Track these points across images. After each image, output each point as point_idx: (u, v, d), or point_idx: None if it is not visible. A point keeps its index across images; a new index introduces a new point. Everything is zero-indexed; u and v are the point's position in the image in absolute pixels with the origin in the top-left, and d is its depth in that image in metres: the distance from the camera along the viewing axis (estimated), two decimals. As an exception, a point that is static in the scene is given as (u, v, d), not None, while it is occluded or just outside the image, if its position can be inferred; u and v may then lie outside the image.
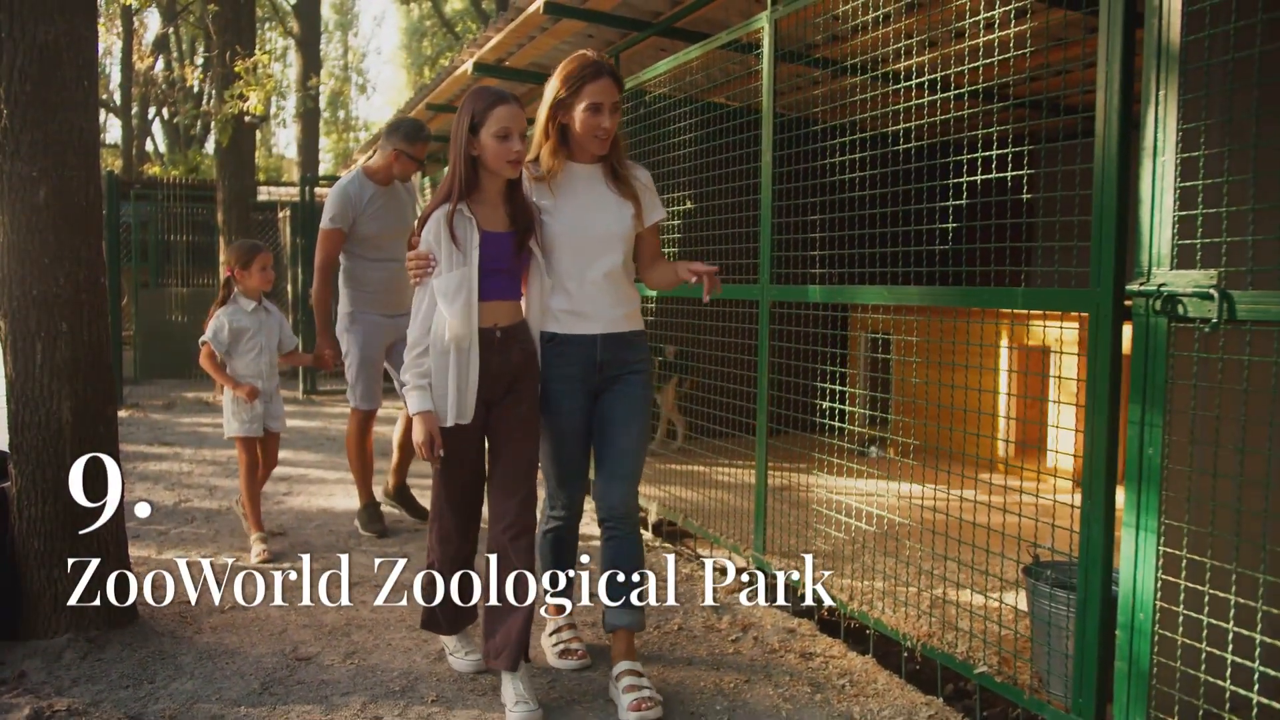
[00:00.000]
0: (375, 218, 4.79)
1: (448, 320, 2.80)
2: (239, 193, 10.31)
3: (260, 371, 4.58)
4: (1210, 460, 2.28)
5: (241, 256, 4.54)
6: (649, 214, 3.11)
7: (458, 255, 2.81)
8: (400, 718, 2.89)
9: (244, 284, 4.56)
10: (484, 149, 2.82)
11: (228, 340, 4.50)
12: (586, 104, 2.90)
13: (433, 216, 2.83)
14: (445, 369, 2.84)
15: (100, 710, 2.91)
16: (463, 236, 2.82)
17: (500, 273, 2.88)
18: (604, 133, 2.94)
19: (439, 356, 2.84)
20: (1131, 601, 2.36)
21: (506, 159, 2.82)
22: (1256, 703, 2.15)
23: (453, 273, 2.80)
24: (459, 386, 2.84)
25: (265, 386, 4.59)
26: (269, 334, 4.61)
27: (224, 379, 4.52)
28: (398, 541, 4.88)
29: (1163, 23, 2.27)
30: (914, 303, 3.11)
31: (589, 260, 2.98)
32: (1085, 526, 2.51)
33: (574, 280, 2.98)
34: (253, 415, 4.56)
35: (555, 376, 3.02)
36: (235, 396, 4.52)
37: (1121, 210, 2.41)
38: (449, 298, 2.79)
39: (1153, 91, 2.30)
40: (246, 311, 4.55)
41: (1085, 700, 2.50)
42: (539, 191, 3.02)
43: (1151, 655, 2.33)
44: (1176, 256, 2.27)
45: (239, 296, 4.57)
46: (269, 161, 34.68)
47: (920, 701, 3.01)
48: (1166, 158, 2.27)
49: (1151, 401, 2.31)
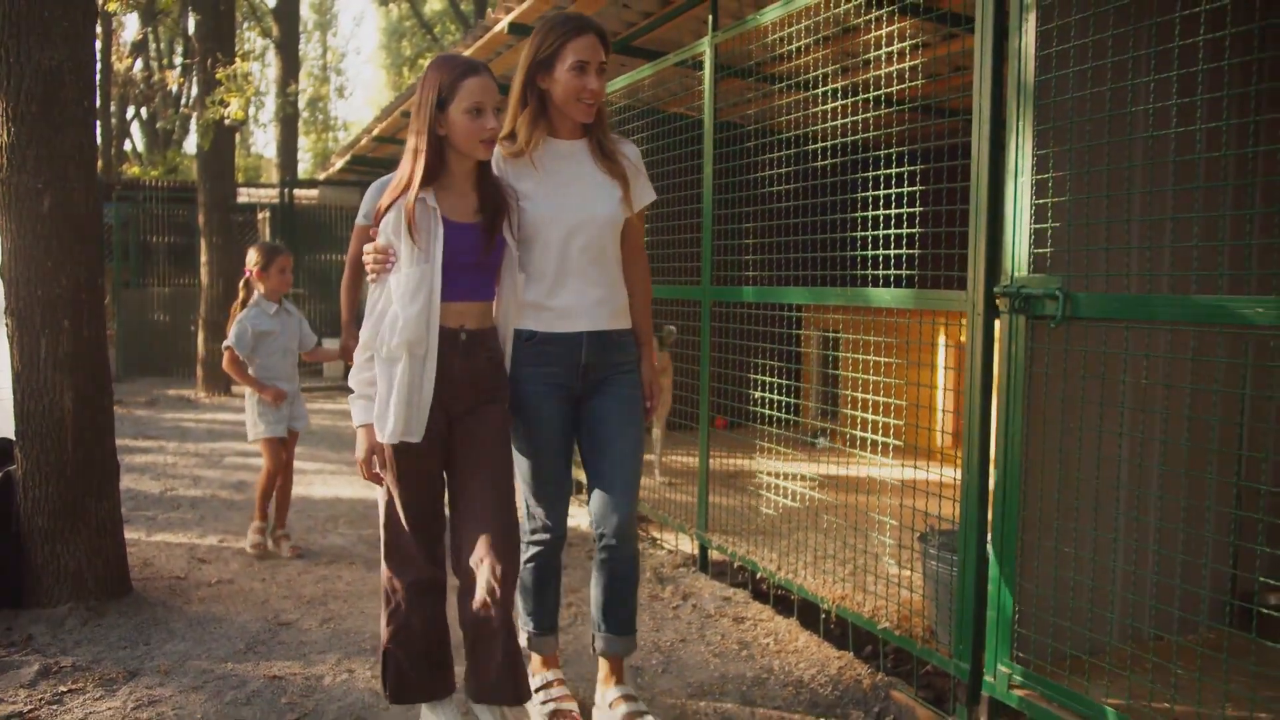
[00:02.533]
0: None
1: (400, 322, 2.43)
2: (220, 195, 10.59)
3: (284, 373, 4.57)
4: (1061, 436, 2.68)
5: (262, 259, 4.51)
6: (639, 197, 2.74)
7: (417, 251, 2.45)
8: (371, 671, 3.25)
9: (264, 286, 4.53)
10: (452, 127, 2.44)
11: (251, 344, 4.48)
12: (571, 62, 2.55)
13: (392, 207, 2.48)
14: (391, 378, 2.47)
15: (101, 667, 3.25)
16: (424, 229, 2.46)
17: (469, 269, 2.52)
18: (590, 96, 2.58)
19: (385, 364, 2.47)
20: (1000, 559, 2.76)
21: (479, 138, 2.45)
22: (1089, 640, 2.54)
23: (412, 269, 2.44)
24: (408, 399, 2.46)
25: (290, 388, 4.57)
26: (291, 335, 4.60)
27: (250, 383, 4.49)
28: (375, 526, 5.24)
29: (1021, 64, 2.67)
30: (805, 301, 3.50)
31: (574, 249, 2.63)
32: (965, 497, 2.90)
33: (555, 272, 2.63)
34: (279, 417, 4.54)
35: (532, 378, 2.66)
36: (261, 399, 4.51)
37: (992, 221, 2.80)
38: (407, 298, 2.44)
39: (1014, 122, 2.69)
40: (269, 314, 4.52)
41: (964, 646, 2.89)
42: (515, 171, 2.64)
43: (1014, 605, 2.73)
44: (1032, 262, 2.66)
45: (261, 299, 4.53)
46: (248, 161, 34.77)
47: (833, 656, 3.41)
48: (1024, 178, 2.66)
49: (1013, 387, 2.70)
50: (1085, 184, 2.67)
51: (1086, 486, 2.76)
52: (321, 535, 5.00)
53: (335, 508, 5.62)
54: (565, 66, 2.55)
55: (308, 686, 3.12)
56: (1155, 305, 2.39)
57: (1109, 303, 2.46)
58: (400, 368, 2.45)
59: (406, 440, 2.49)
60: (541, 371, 2.66)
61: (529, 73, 2.60)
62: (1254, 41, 2.88)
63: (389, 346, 2.46)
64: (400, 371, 2.45)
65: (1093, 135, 2.66)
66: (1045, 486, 2.72)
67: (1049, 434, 2.71)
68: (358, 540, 4.93)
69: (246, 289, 4.59)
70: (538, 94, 2.62)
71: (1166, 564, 2.91)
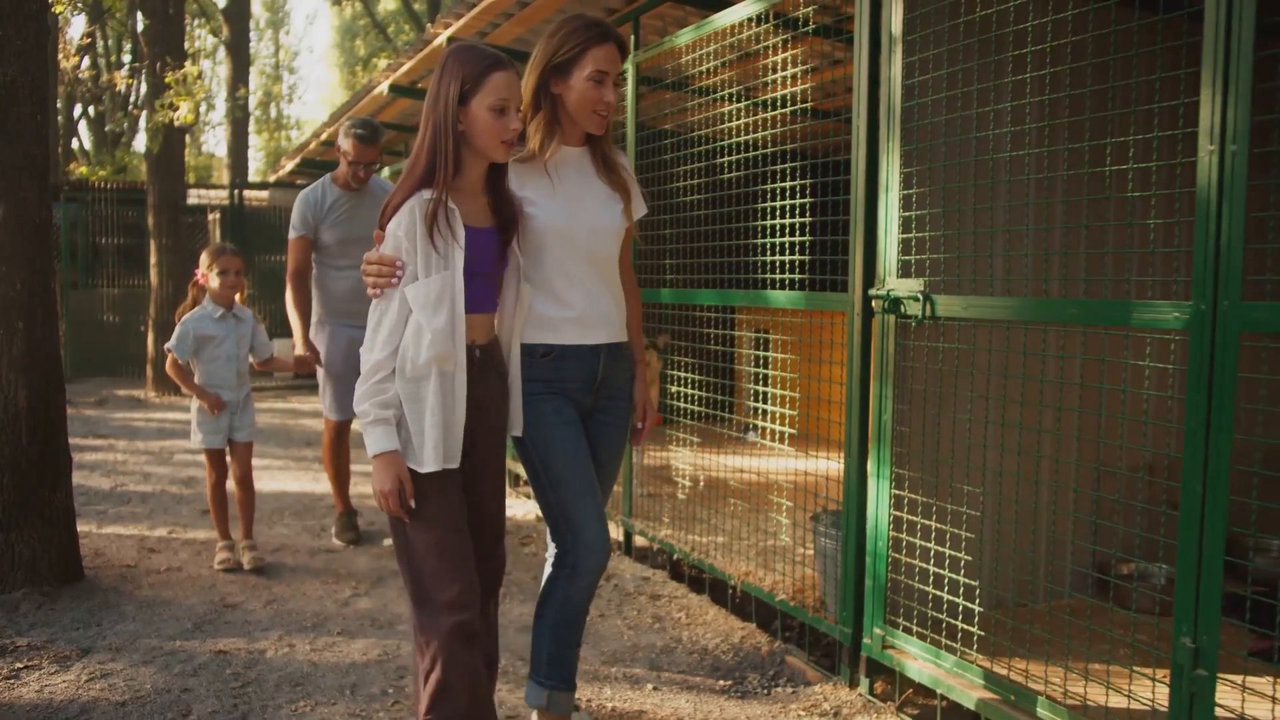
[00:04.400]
0: (337, 225, 4.61)
1: (428, 337, 2.23)
2: (170, 197, 10.71)
3: (227, 381, 4.38)
4: (923, 421, 3.02)
5: (206, 261, 4.36)
6: (636, 208, 2.70)
7: (437, 258, 2.25)
8: (310, 645, 3.51)
9: (209, 290, 4.38)
10: (473, 123, 2.27)
11: (192, 348, 4.32)
12: (591, 71, 2.46)
13: (404, 208, 2.24)
14: (423, 399, 2.26)
15: (56, 645, 3.48)
16: (444, 233, 2.26)
17: (480, 278, 2.36)
18: (605, 108, 2.51)
19: (412, 383, 2.26)
20: (874, 534, 3.09)
21: (501, 138, 2.29)
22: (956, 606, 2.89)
23: (432, 278, 2.24)
24: (445, 422, 2.27)
25: (232, 397, 4.39)
26: (238, 342, 4.40)
27: (190, 388, 4.34)
28: (317, 517, 5.48)
29: (889, 92, 3.00)
30: (711, 303, 3.82)
31: (587, 260, 2.55)
32: (846, 479, 3.23)
33: (570, 284, 2.54)
34: (217, 427, 4.38)
35: (553, 393, 2.54)
36: (200, 407, 4.37)
37: (868, 231, 3.13)
38: (430, 310, 2.23)
39: (884, 144, 3.02)
40: (213, 318, 4.35)
41: (847, 612, 3.22)
42: (524, 178, 2.52)
43: (887, 575, 3.06)
44: (900, 268, 2.99)
45: (208, 303, 4.38)
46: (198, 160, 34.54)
47: (738, 627, 3.73)
48: (893, 194, 2.99)
49: (884, 380, 3.04)
50: (942, 198, 3.01)
51: (955, 469, 3.10)
52: (268, 526, 5.23)
53: (282, 501, 5.85)
54: (584, 74, 2.46)
55: (251, 659, 3.38)
56: (999, 306, 2.72)
57: (962, 304, 2.79)
58: (430, 388, 2.25)
59: (448, 467, 2.29)
60: (563, 388, 2.55)
61: (543, 76, 2.49)
62: (1061, 80, 3.24)
63: (415, 365, 2.24)
64: (431, 392, 2.25)
65: (948, 155, 2.99)
66: (916, 468, 3.06)
67: (916, 420, 3.05)
68: (301, 530, 5.18)
69: (196, 291, 4.44)
70: (550, 99, 2.50)
71: (1035, 540, 3.26)
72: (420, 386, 2.26)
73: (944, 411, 3.03)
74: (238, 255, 4.43)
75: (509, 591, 4.13)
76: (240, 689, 3.14)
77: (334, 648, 3.50)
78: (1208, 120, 2.11)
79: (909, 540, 3.04)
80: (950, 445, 3.04)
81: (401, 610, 3.91)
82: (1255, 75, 2.04)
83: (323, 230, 4.60)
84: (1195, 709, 2.18)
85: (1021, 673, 2.70)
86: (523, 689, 2.94)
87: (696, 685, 3.23)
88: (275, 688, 3.15)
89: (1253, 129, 2.04)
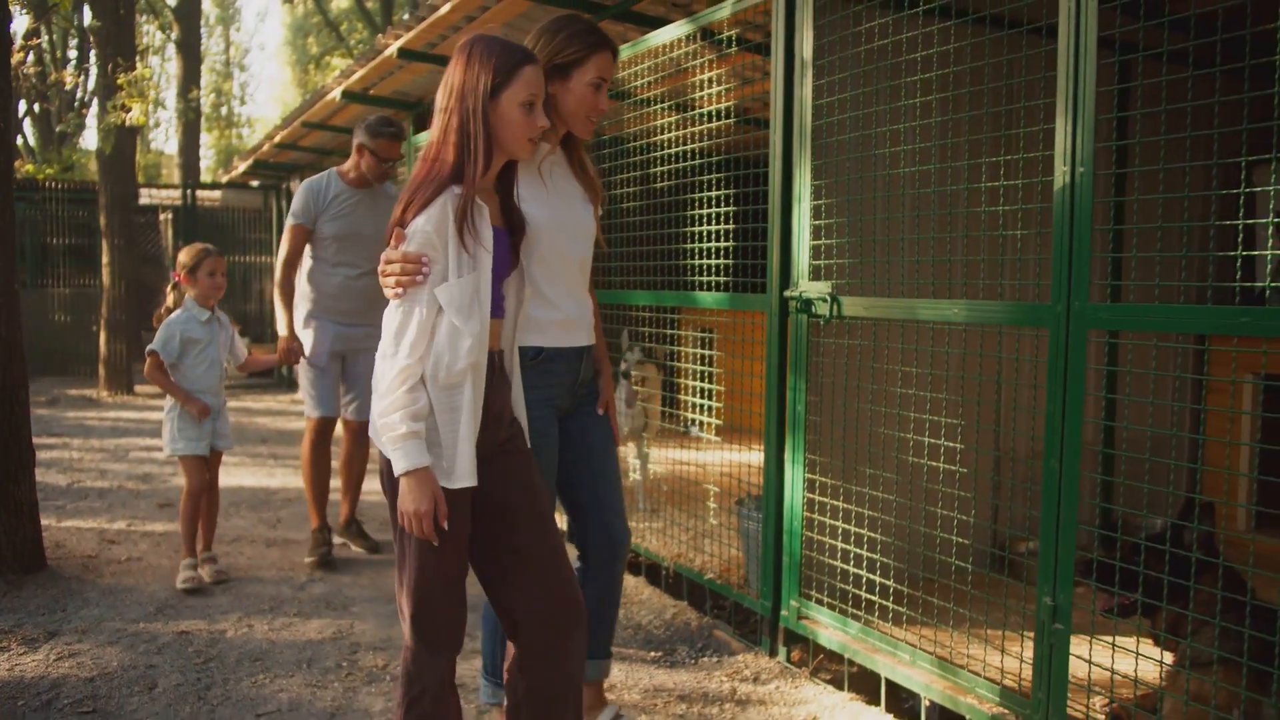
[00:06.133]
0: (337, 219, 4.50)
1: (467, 342, 2.10)
2: (122, 198, 10.77)
3: (211, 386, 4.27)
4: (832, 411, 3.32)
5: (189, 261, 4.21)
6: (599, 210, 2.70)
7: (466, 258, 2.12)
8: (268, 625, 3.74)
9: (193, 291, 4.22)
10: (502, 119, 2.14)
11: (178, 350, 4.18)
12: (593, 77, 2.46)
13: (435, 204, 2.09)
14: (458, 408, 2.11)
15: (23, 629, 3.67)
16: (473, 232, 2.13)
17: (496, 281, 2.24)
18: (598, 115, 2.53)
19: (446, 391, 2.11)
20: (790, 516, 3.38)
21: (529, 135, 2.18)
22: (867, 579, 3.19)
23: (464, 279, 2.10)
24: (470, 434, 2.13)
25: (215, 402, 4.29)
26: (220, 347, 4.31)
27: (174, 391, 4.17)
28: (273, 509, 5.68)
29: (800, 111, 3.29)
30: (646, 303, 4.10)
31: (571, 261, 2.56)
32: (767, 466, 3.52)
33: (555, 284, 2.52)
34: (200, 433, 4.22)
35: (538, 400, 2.50)
36: (184, 412, 4.20)
37: (784, 238, 3.42)
38: (464, 314, 2.10)
39: (797, 159, 3.32)
40: (200, 321, 4.21)
41: (767, 588, 3.51)
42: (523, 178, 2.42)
43: (802, 552, 3.35)
44: (811, 272, 3.29)
45: (192, 305, 4.22)
46: (147, 158, 34.15)
47: (670, 605, 4.01)
48: (804, 205, 3.29)
49: (798, 373, 3.33)
50: (848, 208, 3.31)
51: (864, 454, 3.40)
52: (225, 518, 5.41)
53: (238, 495, 6.03)
54: (586, 79, 2.45)
55: (212, 639, 3.60)
56: (894, 306, 3.02)
57: (864, 304, 3.09)
58: (465, 396, 2.11)
59: (468, 485, 2.13)
60: (544, 393, 2.52)
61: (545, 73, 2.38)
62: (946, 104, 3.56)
63: (450, 371, 2.09)
64: (466, 400, 2.11)
65: (854, 169, 3.30)
66: (827, 455, 3.36)
67: (826, 411, 3.35)
68: (258, 521, 5.38)
69: (176, 293, 4.27)
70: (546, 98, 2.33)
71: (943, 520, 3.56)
72: (455, 395, 2.11)
73: (850, 402, 3.33)
74: (221, 255, 4.34)
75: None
76: (203, 664, 3.36)
77: (290, 627, 3.73)
78: (1061, 145, 2.43)
79: (820, 520, 3.34)
80: (856, 433, 3.34)
81: (355, 594, 4.14)
82: (1121, 106, 2.35)
83: (322, 222, 4.50)
84: (1054, 658, 2.50)
85: (921, 637, 3.01)
86: (469, 660, 3.19)
87: (629, 657, 3.50)
88: (236, 663, 3.38)
89: (1123, 152, 2.36)
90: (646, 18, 4.77)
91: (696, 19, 3.74)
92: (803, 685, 3.26)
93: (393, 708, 2.34)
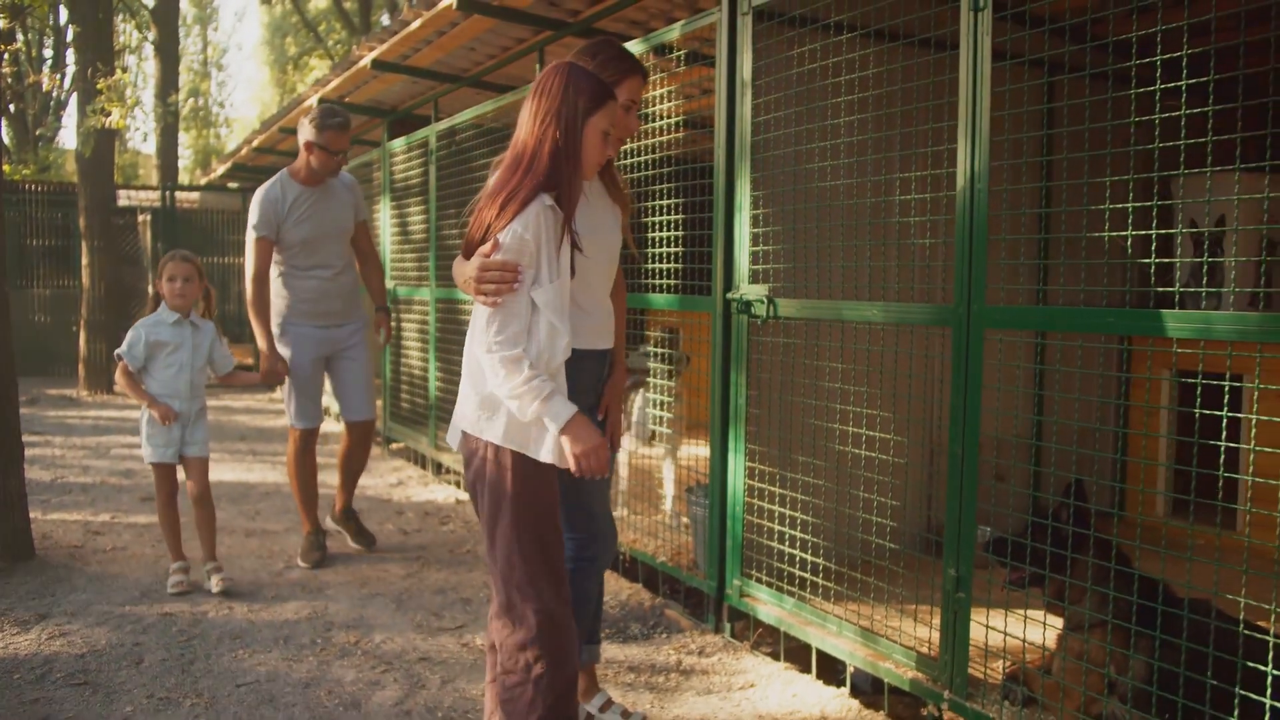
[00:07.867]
0: (301, 223, 4.41)
1: (565, 339, 2.30)
2: (101, 200, 10.94)
3: (180, 391, 4.16)
4: (769, 405, 3.60)
5: (159, 266, 4.21)
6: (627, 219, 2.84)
7: (556, 265, 2.27)
8: (248, 607, 3.99)
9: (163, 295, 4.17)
10: (584, 141, 2.31)
11: (143, 354, 4.10)
12: (625, 99, 2.63)
13: (530, 211, 2.22)
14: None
15: (15, 613, 3.90)
16: (564, 241, 2.31)
17: None
18: (629, 134, 2.70)
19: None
20: (733, 501, 3.66)
21: (600, 160, 2.38)
22: (801, 559, 3.47)
23: (556, 283, 2.27)
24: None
25: (184, 408, 4.17)
26: (194, 351, 4.20)
27: (139, 395, 4.10)
28: (251, 501, 5.91)
29: (742, 128, 3.57)
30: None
31: (602, 271, 2.71)
32: (712, 456, 3.80)
33: (589, 292, 2.66)
34: (168, 439, 4.15)
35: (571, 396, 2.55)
36: (151, 417, 4.15)
37: (727, 244, 3.70)
38: (562, 313, 2.29)
39: (740, 171, 3.59)
40: (167, 324, 4.14)
41: (712, 568, 3.78)
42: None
43: (743, 535, 3.63)
44: (750, 276, 3.56)
45: (163, 308, 4.17)
46: (123, 158, 34.12)
47: (626, 587, 4.28)
48: (744, 214, 3.57)
49: (739, 370, 3.61)
50: (785, 217, 3.59)
51: (800, 444, 3.68)
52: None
53: (218, 489, 6.19)
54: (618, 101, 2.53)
55: (195, 619, 3.84)
56: (823, 307, 3.31)
57: (797, 306, 3.37)
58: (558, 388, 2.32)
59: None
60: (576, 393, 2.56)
61: None
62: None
63: (550, 367, 2.29)
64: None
65: (786, 182, 3.58)
66: (766, 445, 3.64)
67: (765, 404, 3.63)
68: (237, 514, 5.61)
69: (155, 298, 4.24)
70: None
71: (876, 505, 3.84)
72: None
73: (787, 396, 3.61)
74: (188, 261, 4.21)
75: (428, 561, 4.64)
76: (186, 642, 3.61)
77: (269, 609, 3.98)
78: (961, 163, 2.71)
79: (761, 505, 3.62)
80: (792, 425, 3.62)
81: (329, 579, 4.39)
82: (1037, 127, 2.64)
83: (285, 229, 4.39)
84: (957, 623, 2.79)
85: (849, 610, 3.29)
86: (435, 637, 3.45)
87: (585, 633, 3.77)
88: (218, 640, 3.63)
89: (1024, 169, 2.61)
90: (606, 34, 5.04)
91: (649, 39, 4.01)
92: (743, 657, 3.54)
93: (537, 688, 2.35)
